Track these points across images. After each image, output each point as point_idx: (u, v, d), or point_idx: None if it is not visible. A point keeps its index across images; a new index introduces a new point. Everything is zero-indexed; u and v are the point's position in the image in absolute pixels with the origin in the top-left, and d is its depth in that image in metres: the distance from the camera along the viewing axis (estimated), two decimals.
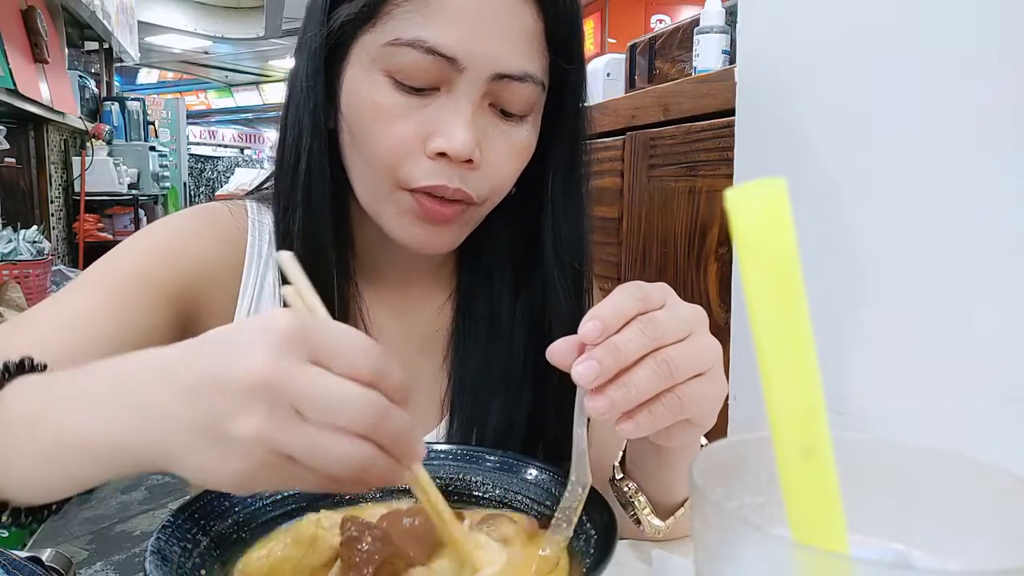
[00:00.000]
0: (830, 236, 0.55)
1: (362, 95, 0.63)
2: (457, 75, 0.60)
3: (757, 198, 0.25)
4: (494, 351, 0.73)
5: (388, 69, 0.61)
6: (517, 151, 0.66)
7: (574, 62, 0.67)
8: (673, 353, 0.44)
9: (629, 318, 0.44)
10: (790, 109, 0.58)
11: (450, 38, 0.59)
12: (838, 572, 0.24)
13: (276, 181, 0.70)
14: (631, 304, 0.44)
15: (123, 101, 5.92)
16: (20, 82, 3.60)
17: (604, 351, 0.42)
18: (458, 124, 0.60)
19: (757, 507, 0.31)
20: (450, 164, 0.62)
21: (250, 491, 0.38)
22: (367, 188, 0.66)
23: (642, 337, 0.43)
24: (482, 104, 0.63)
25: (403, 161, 0.62)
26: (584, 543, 0.46)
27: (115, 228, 5.26)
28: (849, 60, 0.53)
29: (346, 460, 0.36)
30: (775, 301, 0.25)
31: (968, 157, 0.47)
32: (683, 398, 0.44)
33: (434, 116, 0.61)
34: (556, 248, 0.72)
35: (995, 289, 0.46)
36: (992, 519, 0.28)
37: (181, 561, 0.43)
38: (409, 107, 0.61)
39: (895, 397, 0.52)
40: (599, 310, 0.43)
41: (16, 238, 3.30)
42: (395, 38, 0.60)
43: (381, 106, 0.61)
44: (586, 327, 0.43)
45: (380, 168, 0.63)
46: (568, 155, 0.71)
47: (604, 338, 0.42)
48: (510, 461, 0.56)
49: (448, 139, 0.60)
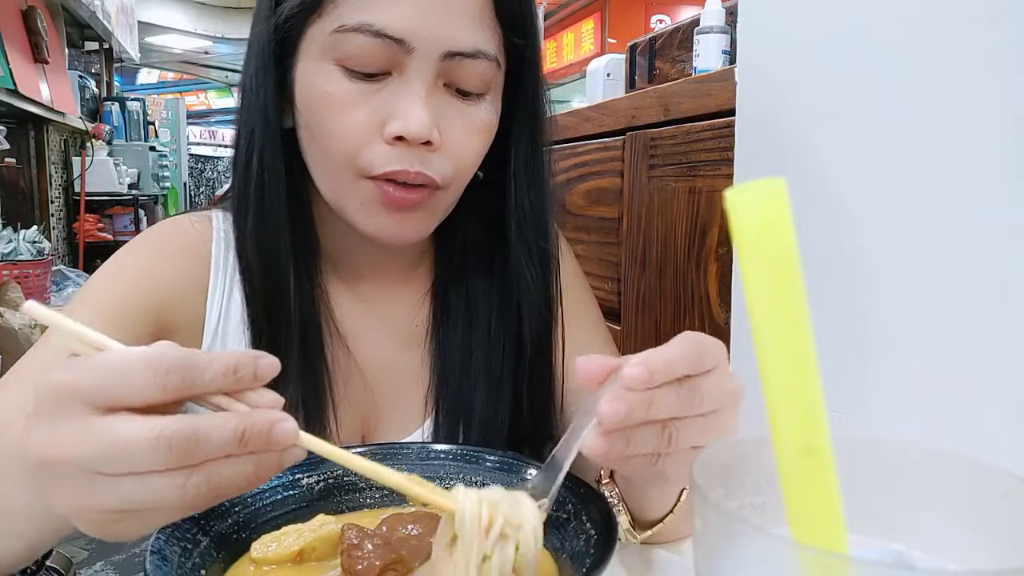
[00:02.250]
0: (830, 236, 0.55)
1: (315, 87, 0.62)
2: (407, 57, 0.60)
3: (757, 198, 0.25)
4: (473, 341, 0.73)
5: (338, 58, 0.61)
6: (478, 129, 0.65)
7: (528, 37, 0.67)
8: (686, 428, 0.42)
9: (676, 378, 0.41)
10: (790, 109, 0.58)
11: (396, 19, 0.59)
12: (838, 572, 0.24)
13: (231, 184, 0.69)
14: (683, 365, 0.42)
15: (123, 101, 5.92)
16: (20, 82, 3.59)
17: (639, 403, 0.40)
18: (413, 106, 0.60)
19: (757, 507, 0.31)
20: (409, 148, 0.61)
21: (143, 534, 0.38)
22: (329, 182, 0.66)
23: (675, 406, 0.41)
24: (436, 84, 0.62)
25: (361, 149, 0.62)
26: (584, 543, 0.46)
27: (115, 228, 5.26)
28: (849, 60, 0.53)
29: (179, 495, 0.34)
30: (775, 301, 0.25)
31: (968, 157, 0.47)
32: (663, 462, 0.43)
33: (388, 100, 0.61)
34: (520, 228, 0.71)
35: (995, 289, 0.46)
36: (992, 519, 0.28)
37: (181, 561, 0.43)
38: (362, 94, 0.61)
39: (895, 397, 0.52)
40: (652, 357, 0.41)
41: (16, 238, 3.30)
42: (341, 24, 0.59)
43: (334, 96, 0.61)
44: (633, 373, 0.40)
45: (339, 159, 0.63)
46: (528, 133, 0.71)
47: (644, 389, 0.40)
48: (510, 461, 0.56)
49: (404, 121, 0.60)
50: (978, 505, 0.29)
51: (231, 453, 0.35)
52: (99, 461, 0.34)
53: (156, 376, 0.35)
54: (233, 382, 0.36)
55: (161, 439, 0.34)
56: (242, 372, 0.36)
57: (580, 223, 1.43)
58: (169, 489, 0.34)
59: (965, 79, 0.47)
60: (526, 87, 0.70)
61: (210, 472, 0.35)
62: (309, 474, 0.55)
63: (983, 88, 0.46)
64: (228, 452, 0.35)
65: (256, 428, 0.35)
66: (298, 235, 0.68)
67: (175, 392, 0.35)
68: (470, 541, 0.39)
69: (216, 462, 0.35)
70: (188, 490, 0.35)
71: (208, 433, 0.34)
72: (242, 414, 0.36)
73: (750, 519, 0.26)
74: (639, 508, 0.57)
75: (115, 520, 0.36)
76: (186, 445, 0.34)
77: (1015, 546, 0.27)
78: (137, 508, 0.35)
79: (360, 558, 0.44)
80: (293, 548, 0.46)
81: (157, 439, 0.33)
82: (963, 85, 0.47)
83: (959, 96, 0.47)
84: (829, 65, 0.55)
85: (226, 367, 0.36)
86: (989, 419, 0.47)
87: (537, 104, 0.71)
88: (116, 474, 0.34)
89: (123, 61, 6.82)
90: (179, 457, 0.34)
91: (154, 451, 0.34)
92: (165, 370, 0.35)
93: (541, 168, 0.72)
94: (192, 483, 0.35)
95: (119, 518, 0.36)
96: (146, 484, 0.34)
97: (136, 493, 0.34)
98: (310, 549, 0.47)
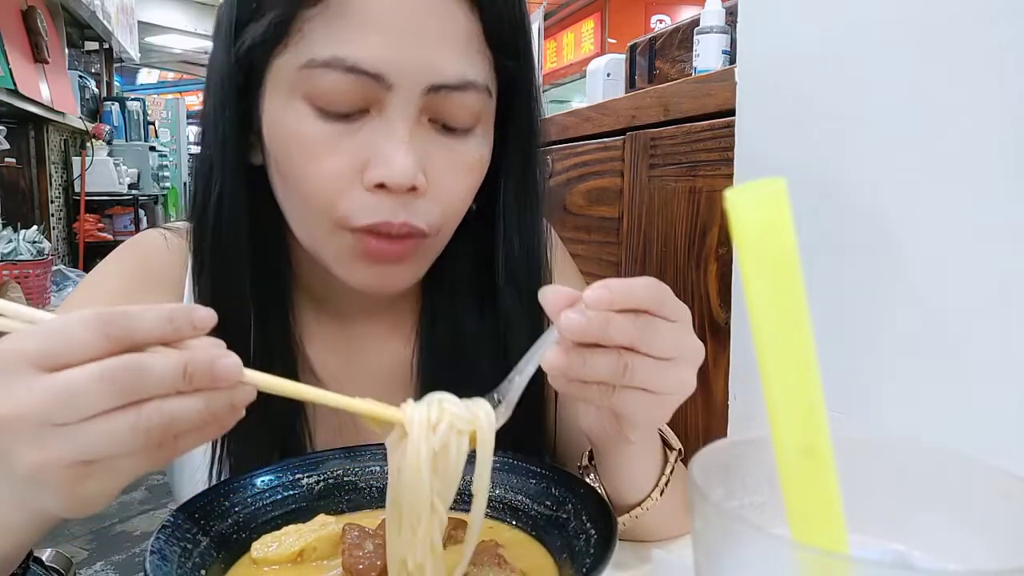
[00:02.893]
0: (830, 236, 0.55)
1: (284, 128, 0.55)
2: (386, 93, 0.53)
3: (757, 198, 0.25)
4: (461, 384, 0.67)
5: (309, 95, 0.54)
6: (467, 168, 0.59)
7: (520, 58, 0.60)
8: (641, 364, 0.44)
9: (635, 308, 0.43)
10: (790, 109, 0.58)
11: (371, 52, 0.52)
12: (838, 572, 0.24)
13: (189, 218, 0.64)
14: (646, 298, 0.44)
15: (123, 101, 5.92)
16: (20, 82, 3.59)
17: (597, 320, 0.42)
18: (395, 149, 0.53)
19: (757, 507, 0.31)
20: (392, 195, 0.55)
21: (109, 500, 0.39)
22: (304, 228, 0.60)
23: (631, 332, 0.43)
24: (420, 121, 0.55)
25: (339, 198, 0.55)
26: (584, 543, 0.46)
27: (115, 228, 5.26)
28: (849, 60, 0.53)
29: (132, 433, 0.35)
30: (775, 301, 0.25)
31: (968, 157, 0.47)
32: (618, 398, 0.44)
33: (367, 142, 0.54)
34: (509, 270, 0.65)
35: (995, 289, 0.46)
36: (992, 519, 0.28)
37: (181, 561, 0.43)
38: (338, 136, 0.54)
39: (895, 397, 0.52)
40: (616, 283, 0.43)
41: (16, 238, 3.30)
42: (310, 59, 0.53)
43: (306, 138, 0.54)
44: (595, 293, 0.42)
45: (315, 207, 0.56)
46: (520, 164, 0.64)
47: (604, 309, 0.42)
48: (510, 461, 0.56)
49: (386, 168, 0.53)
50: (978, 505, 0.29)
51: (180, 391, 0.36)
52: (51, 411, 0.35)
53: (96, 328, 0.36)
54: (172, 330, 0.37)
55: (105, 372, 0.35)
56: (178, 320, 0.37)
57: (580, 223, 1.43)
58: (124, 429, 0.35)
59: (965, 79, 0.47)
60: (519, 112, 0.63)
61: (160, 407, 0.36)
62: (309, 474, 0.55)
63: (983, 88, 0.46)
64: (175, 388, 0.36)
65: (198, 360, 0.36)
66: (264, 280, 0.63)
67: (116, 341, 0.36)
68: (418, 438, 0.40)
69: (166, 399, 0.36)
70: (141, 427, 0.35)
71: (151, 365, 0.35)
72: (183, 351, 0.37)
73: (750, 519, 0.26)
74: (615, 490, 0.57)
75: (83, 475, 0.36)
76: (130, 375, 0.35)
77: (1015, 546, 0.27)
78: (98, 456, 0.36)
79: (361, 558, 0.44)
80: (294, 548, 0.46)
81: (101, 373, 0.35)
82: (963, 85, 0.47)
83: (959, 96, 0.47)
84: (829, 65, 0.55)
85: (161, 314, 0.37)
86: (989, 419, 0.47)
87: (531, 130, 0.65)
88: (70, 422, 0.35)
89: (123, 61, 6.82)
90: (125, 390, 0.35)
91: (100, 385, 0.35)
92: (103, 321, 0.36)
93: (534, 204, 0.66)
94: (144, 418, 0.35)
95: (85, 472, 0.36)
96: (100, 427, 0.35)
97: (93, 438, 0.35)
98: (311, 549, 0.47)
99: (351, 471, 0.56)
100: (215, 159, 0.59)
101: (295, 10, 0.53)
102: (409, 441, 0.40)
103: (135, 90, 11.04)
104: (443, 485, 0.41)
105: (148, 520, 2.72)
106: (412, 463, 0.40)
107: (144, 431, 0.35)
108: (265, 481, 0.53)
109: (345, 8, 0.52)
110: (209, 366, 0.37)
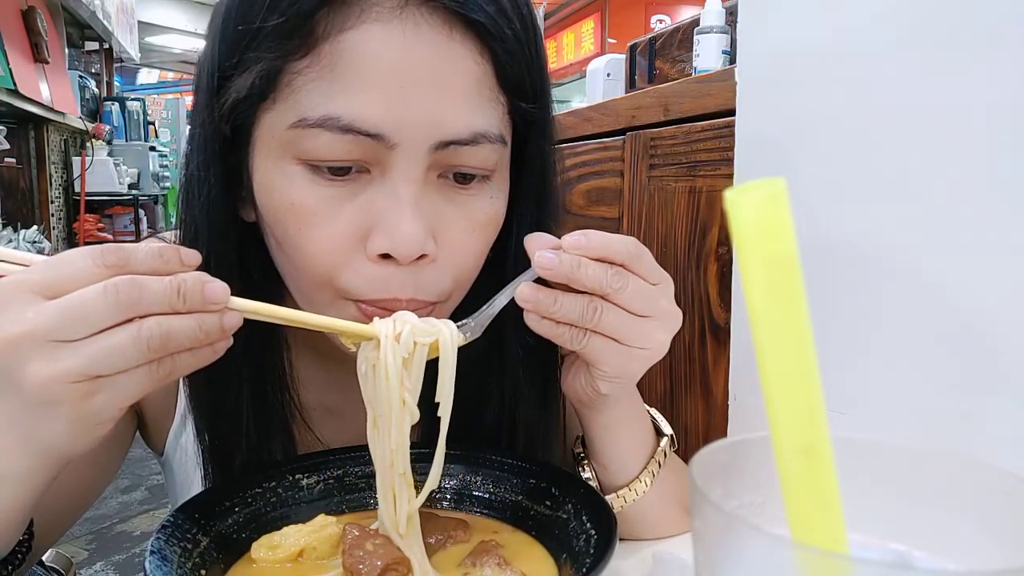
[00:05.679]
0: (830, 236, 0.55)
1: (276, 192, 0.50)
2: (388, 153, 0.48)
3: (757, 198, 0.25)
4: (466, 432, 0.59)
5: (301, 156, 0.48)
6: (482, 226, 0.53)
7: (538, 99, 0.54)
8: (611, 311, 0.46)
9: (611, 260, 0.46)
10: (790, 109, 0.58)
11: (370, 109, 0.46)
12: (838, 572, 0.24)
13: None
14: (621, 251, 0.47)
15: (123, 101, 5.92)
16: (20, 82, 3.60)
17: (571, 262, 0.45)
18: (401, 215, 0.48)
19: (757, 507, 0.31)
20: (399, 265, 0.49)
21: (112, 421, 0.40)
22: (302, 295, 0.54)
23: (602, 278, 0.46)
24: (427, 180, 0.50)
25: (341, 270, 0.50)
26: (584, 543, 0.46)
27: (115, 228, 5.26)
28: (849, 60, 0.53)
29: (135, 345, 0.38)
30: (775, 301, 0.25)
31: (969, 157, 0.47)
32: (588, 343, 0.47)
33: (369, 206, 0.49)
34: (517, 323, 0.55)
35: (995, 289, 0.46)
36: (992, 519, 0.28)
37: (181, 561, 0.43)
38: (336, 200, 0.49)
39: (895, 397, 0.52)
40: (595, 234, 0.46)
41: (16, 238, 3.30)
42: (300, 118, 0.47)
43: (301, 205, 0.49)
44: (573, 238, 0.46)
45: (314, 278, 0.51)
46: (534, 212, 0.59)
47: (579, 254, 0.46)
48: (510, 462, 0.56)
49: (390, 236, 0.48)
50: (978, 505, 0.29)
51: (176, 310, 0.39)
52: (59, 328, 0.38)
53: (95, 256, 0.39)
54: (162, 263, 0.41)
55: (108, 286, 0.38)
56: (168, 254, 0.41)
57: (580, 223, 1.42)
58: (127, 342, 0.38)
59: (965, 79, 0.47)
60: (533, 156, 0.57)
61: (159, 321, 0.39)
62: (309, 474, 0.55)
63: (983, 88, 0.46)
64: (171, 306, 0.39)
65: (189, 282, 0.40)
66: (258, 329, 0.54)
67: (114, 267, 0.39)
68: (387, 346, 0.46)
69: (164, 317, 0.39)
70: (143, 339, 0.38)
71: (148, 282, 0.39)
72: (175, 275, 0.40)
73: (750, 519, 0.26)
74: (603, 468, 0.58)
75: (89, 392, 0.38)
76: (131, 288, 0.38)
77: (1016, 546, 0.27)
78: (103, 369, 0.38)
79: (361, 558, 0.44)
80: (293, 548, 0.46)
81: (104, 287, 0.38)
82: (963, 85, 0.47)
83: (959, 96, 0.47)
84: (829, 65, 0.55)
85: (152, 250, 0.41)
86: (989, 419, 0.47)
87: (546, 176, 0.59)
88: (76, 338, 0.38)
89: (123, 61, 6.83)
90: (126, 303, 0.38)
91: (103, 298, 0.38)
92: (101, 252, 0.40)
93: None
94: (145, 330, 0.38)
95: (91, 388, 0.38)
96: (106, 340, 0.38)
97: (99, 351, 0.38)
98: (311, 549, 0.47)
99: (351, 471, 0.56)
100: (200, 224, 0.54)
101: (283, 62, 0.48)
102: (380, 349, 0.46)
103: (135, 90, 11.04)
104: (412, 384, 0.46)
105: (148, 520, 2.72)
106: (383, 364, 0.46)
107: (146, 342, 0.38)
108: (265, 481, 0.53)
109: (338, 59, 0.47)
110: (200, 288, 0.40)
